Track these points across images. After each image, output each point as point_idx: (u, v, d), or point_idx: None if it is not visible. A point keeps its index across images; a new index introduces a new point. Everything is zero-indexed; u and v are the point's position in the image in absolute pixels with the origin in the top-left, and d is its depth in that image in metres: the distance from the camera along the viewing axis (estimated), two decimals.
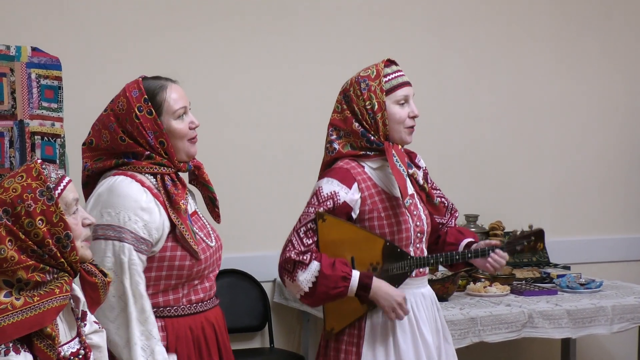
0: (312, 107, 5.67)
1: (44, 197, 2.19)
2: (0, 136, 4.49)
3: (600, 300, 5.18)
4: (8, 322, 2.10)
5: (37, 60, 4.55)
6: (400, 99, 3.36)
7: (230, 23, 5.67)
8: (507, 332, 4.89)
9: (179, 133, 2.92)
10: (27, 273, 2.16)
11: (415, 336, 3.35)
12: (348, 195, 3.30)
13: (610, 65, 6.52)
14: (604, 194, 6.56)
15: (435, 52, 6.00)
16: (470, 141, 6.17)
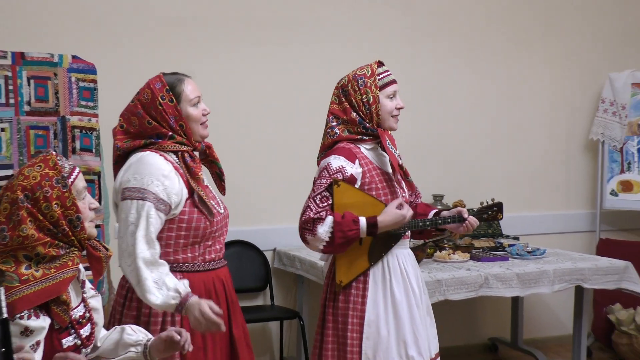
0: (308, 104, 5.59)
1: (60, 185, 2.22)
2: (46, 129, 4.41)
3: (544, 265, 5.11)
4: (31, 291, 2.12)
5: (76, 66, 4.47)
6: (390, 94, 3.37)
7: (246, 35, 5.61)
8: (467, 291, 4.83)
9: (194, 118, 2.96)
10: (44, 248, 2.18)
11: (407, 287, 3.34)
12: (353, 169, 3.30)
13: (552, 72, 6.46)
14: (547, 178, 6.49)
15: (410, 59, 5.99)
16: (438, 133, 6.16)
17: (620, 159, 6.24)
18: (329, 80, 4.92)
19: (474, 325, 6.31)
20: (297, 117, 5.59)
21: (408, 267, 3.39)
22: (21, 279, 2.09)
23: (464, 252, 5.28)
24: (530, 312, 6.36)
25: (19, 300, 2.07)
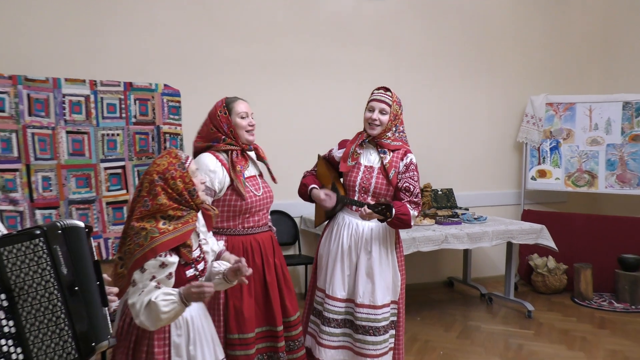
0: (326, 118, 5.69)
1: (180, 168, 2.29)
2: (147, 134, 4.50)
3: (485, 228, 5.24)
4: (166, 239, 2.19)
5: (167, 91, 4.58)
6: (369, 107, 3.30)
7: (287, 71, 5.65)
8: (433, 245, 4.96)
9: (240, 126, 2.94)
10: (173, 211, 2.25)
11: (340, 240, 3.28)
12: (335, 152, 3.47)
13: (491, 95, 6.51)
14: (488, 167, 6.57)
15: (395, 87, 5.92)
16: (416, 132, 6.03)
17: (537, 155, 6.36)
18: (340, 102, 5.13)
19: (437, 268, 6.41)
20: (318, 128, 5.60)
21: (344, 229, 3.31)
22: (160, 231, 2.18)
23: (431, 219, 5.35)
24: (476, 259, 6.45)
25: (159, 245, 2.16)
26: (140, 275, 2.18)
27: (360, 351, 3.21)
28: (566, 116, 6.29)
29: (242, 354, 2.85)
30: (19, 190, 3.97)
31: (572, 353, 4.55)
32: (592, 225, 6.14)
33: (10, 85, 4.00)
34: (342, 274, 3.27)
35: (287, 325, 3.03)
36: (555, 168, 6.33)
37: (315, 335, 3.33)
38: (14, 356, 1.55)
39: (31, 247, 1.58)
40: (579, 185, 6.23)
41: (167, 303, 2.12)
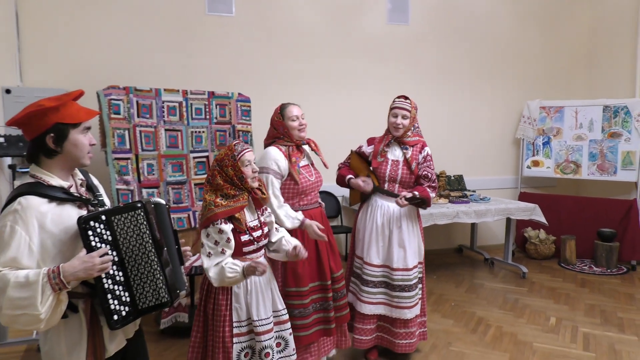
0: (360, 119, 5.59)
1: (232, 159, 2.29)
2: (225, 132, 4.49)
3: (489, 206, 5.13)
4: (221, 210, 2.21)
5: (240, 98, 4.55)
6: (393, 114, 3.19)
7: (331, 80, 5.59)
8: (446, 219, 4.88)
9: (291, 127, 2.90)
10: (228, 191, 2.25)
11: (374, 218, 3.22)
12: (365, 148, 3.35)
13: (495, 100, 6.35)
14: (492, 158, 6.41)
15: (416, 94, 5.86)
16: (433, 131, 6.01)
17: (532, 148, 6.21)
18: (371, 105, 5.09)
19: (449, 238, 6.31)
20: (353, 127, 5.52)
21: (377, 210, 3.23)
22: (215, 204, 2.21)
23: (445, 199, 5.30)
24: (481, 231, 6.36)
25: (213, 215, 2.18)
26: (206, 239, 2.22)
27: (399, 305, 3.19)
28: (556, 117, 6.13)
29: (298, 303, 2.84)
30: (130, 174, 4.04)
31: (558, 306, 4.43)
32: (576, 205, 5.99)
33: (124, 94, 4.06)
34: (377, 245, 3.22)
35: (333, 280, 3.02)
36: (546, 159, 6.16)
37: (356, 293, 3.29)
38: (123, 298, 1.57)
39: (134, 216, 1.59)
40: (566, 173, 6.06)
41: (231, 272, 2.16)
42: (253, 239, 2.32)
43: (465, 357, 3.44)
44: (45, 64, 4.62)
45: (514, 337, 3.78)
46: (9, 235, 1.45)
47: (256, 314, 2.33)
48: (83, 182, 1.71)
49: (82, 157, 1.62)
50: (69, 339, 1.56)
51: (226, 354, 2.27)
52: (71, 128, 1.58)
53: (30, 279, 1.42)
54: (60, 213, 1.53)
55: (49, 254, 1.50)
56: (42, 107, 1.53)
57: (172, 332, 3.75)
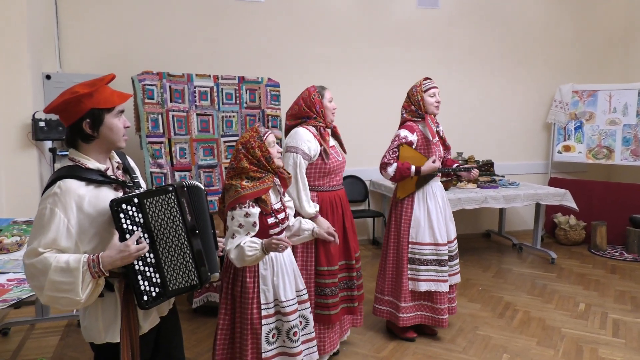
0: (388, 103, 5.46)
1: (259, 140, 2.25)
2: (254, 116, 4.47)
3: (518, 191, 5.03)
4: (247, 193, 2.18)
5: (270, 83, 4.53)
6: (430, 94, 3.20)
7: (358, 66, 5.54)
8: (475, 204, 4.81)
9: (328, 108, 2.90)
10: (253, 173, 2.22)
11: (435, 201, 3.25)
12: (411, 137, 3.22)
13: (527, 84, 6.19)
14: (523, 143, 6.28)
15: (447, 78, 5.79)
16: (462, 118, 5.97)
17: (564, 133, 6.04)
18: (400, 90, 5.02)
19: (477, 222, 6.22)
20: (382, 110, 5.46)
21: (437, 191, 3.28)
22: (242, 187, 2.18)
23: (473, 183, 5.21)
24: (510, 216, 6.27)
25: (240, 197, 2.16)
26: (231, 222, 2.21)
27: (456, 271, 3.40)
28: (589, 101, 5.94)
29: (330, 281, 2.85)
30: (163, 158, 4.08)
31: (587, 292, 4.32)
32: (608, 191, 5.81)
33: (157, 79, 4.09)
34: (445, 224, 3.28)
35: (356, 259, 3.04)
36: (578, 144, 5.99)
37: (414, 277, 3.27)
38: (154, 279, 1.59)
39: (166, 199, 1.59)
40: (598, 158, 5.88)
41: (250, 249, 2.14)
42: (278, 221, 2.31)
43: (492, 341, 3.39)
44: (83, 51, 4.69)
45: (542, 322, 3.71)
46: (49, 218, 1.48)
47: (283, 295, 2.32)
48: (119, 164, 1.73)
49: (118, 140, 1.63)
50: (105, 316, 1.60)
51: (255, 336, 2.28)
52: (106, 112, 1.59)
53: (71, 265, 1.46)
54: (97, 195, 1.55)
55: (86, 235, 1.54)
56: (77, 94, 1.55)
57: (204, 310, 3.81)
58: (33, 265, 1.47)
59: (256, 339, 2.29)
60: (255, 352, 2.29)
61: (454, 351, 3.25)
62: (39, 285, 1.47)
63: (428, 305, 3.31)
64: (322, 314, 2.84)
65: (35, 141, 3.90)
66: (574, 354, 3.22)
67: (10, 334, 3.47)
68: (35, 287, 1.49)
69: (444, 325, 3.27)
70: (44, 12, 4.37)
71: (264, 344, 2.29)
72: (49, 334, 3.48)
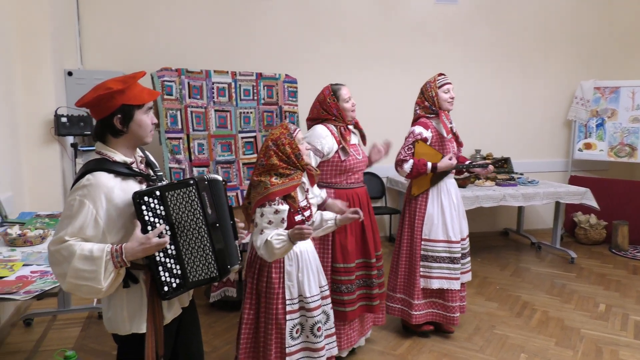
0: (403, 100, 5.39)
1: (289, 137, 2.27)
2: (272, 112, 4.53)
3: (537, 189, 4.98)
4: (276, 190, 2.21)
5: (287, 79, 4.58)
6: (445, 90, 3.18)
7: (370, 63, 5.51)
8: (493, 202, 4.76)
9: (346, 108, 2.90)
10: (283, 170, 2.24)
11: (449, 199, 3.24)
12: (425, 133, 3.20)
13: (548, 81, 6.11)
14: (543, 140, 6.21)
15: (464, 75, 5.75)
16: (481, 112, 5.91)
17: (584, 130, 5.96)
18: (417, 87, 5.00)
19: (495, 221, 6.18)
20: (399, 107, 5.38)
21: (451, 188, 3.26)
22: (271, 184, 2.20)
23: (491, 181, 5.18)
24: (528, 215, 6.21)
25: (270, 194, 2.18)
26: (260, 219, 2.22)
27: (468, 269, 3.39)
28: (611, 98, 5.84)
29: (345, 278, 2.86)
30: (182, 153, 4.14)
31: (608, 293, 4.26)
32: (630, 189, 5.70)
33: (176, 76, 4.14)
34: (459, 222, 3.27)
35: (376, 258, 3.02)
36: (599, 141, 5.90)
37: (427, 275, 3.26)
38: (174, 271, 1.61)
39: (187, 192, 1.62)
40: (620, 156, 5.78)
41: (279, 241, 2.15)
42: (305, 218, 2.33)
43: (510, 341, 3.37)
44: (103, 48, 4.76)
45: (561, 322, 3.67)
46: (78, 208, 1.52)
47: (308, 291, 2.35)
48: (142, 159, 1.77)
49: (145, 136, 1.68)
50: (130, 307, 1.64)
51: (280, 331, 2.31)
52: (136, 109, 1.63)
53: (94, 254, 1.49)
54: (124, 187, 1.60)
55: (114, 226, 1.57)
56: (110, 90, 1.59)
57: (220, 305, 3.85)
58: (58, 251, 1.51)
59: (280, 334, 2.31)
60: (279, 347, 2.32)
61: (470, 350, 3.24)
62: (62, 273, 1.50)
63: (440, 303, 3.31)
64: (337, 310, 2.85)
65: (58, 136, 3.97)
66: (593, 355, 3.18)
67: (34, 324, 3.55)
68: (58, 275, 1.52)
69: (455, 324, 3.27)
70: (65, 10, 4.44)
71: (287, 339, 2.31)
72: (71, 325, 3.55)
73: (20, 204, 3.70)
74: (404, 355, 3.15)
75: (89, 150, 4.23)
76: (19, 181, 3.75)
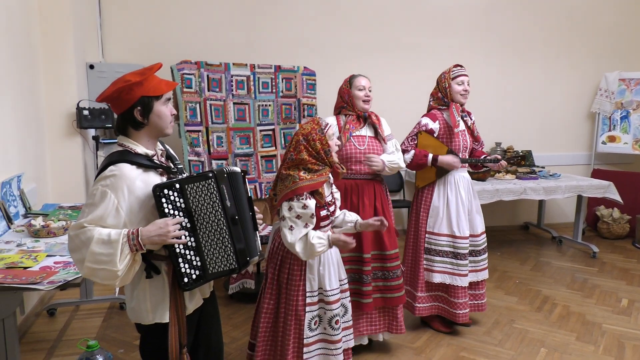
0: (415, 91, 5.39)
1: (320, 133, 2.27)
2: (290, 105, 4.53)
3: (558, 183, 4.90)
4: (305, 184, 2.22)
5: (305, 72, 4.56)
6: (458, 82, 3.15)
7: (389, 52, 5.47)
8: (513, 196, 4.71)
9: (356, 97, 2.90)
10: (312, 165, 2.25)
11: (456, 193, 3.19)
12: (432, 125, 3.19)
13: (571, 72, 6.00)
14: (566, 133, 6.09)
15: (484, 65, 5.67)
16: (502, 104, 5.83)
17: (608, 123, 5.84)
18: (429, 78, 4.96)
19: (515, 214, 6.10)
20: (419, 98, 5.23)
21: (460, 183, 3.21)
22: (300, 178, 2.20)
23: (512, 174, 5.13)
24: (549, 209, 6.12)
25: (298, 188, 2.18)
26: (289, 212, 2.22)
27: (483, 267, 3.34)
28: (637, 89, 5.72)
29: (365, 269, 2.86)
30: (201, 146, 4.16)
31: (631, 288, 4.19)
32: None
33: (195, 68, 4.16)
34: (466, 218, 3.21)
35: (381, 256, 2.95)
36: (624, 134, 5.78)
37: (429, 268, 3.24)
38: (194, 262, 1.63)
39: (206, 185, 1.63)
40: None
41: (320, 245, 2.19)
42: (329, 213, 2.34)
43: (529, 335, 3.34)
44: (124, 41, 4.81)
45: (582, 317, 3.62)
46: (100, 198, 1.56)
47: (328, 285, 2.37)
48: (163, 152, 1.79)
49: (165, 127, 1.70)
50: (153, 297, 1.67)
51: (298, 322, 2.34)
52: (155, 100, 1.66)
53: (112, 238, 1.52)
54: (146, 179, 1.63)
55: (136, 217, 1.60)
56: (129, 82, 1.62)
57: (239, 297, 3.89)
58: (77, 236, 1.54)
59: (299, 325, 2.34)
60: (297, 337, 2.35)
61: (489, 344, 3.21)
62: (81, 258, 1.53)
63: (444, 298, 3.28)
64: None
65: (80, 129, 4.03)
66: (615, 350, 3.13)
67: (57, 314, 3.63)
68: (77, 261, 1.56)
69: (458, 320, 3.22)
70: (87, 3, 4.49)
71: (306, 330, 2.34)
72: (93, 315, 3.62)
73: (43, 195, 3.77)
74: (422, 349, 3.14)
75: (111, 143, 4.29)
76: (42, 173, 3.82)
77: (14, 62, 3.32)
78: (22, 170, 3.33)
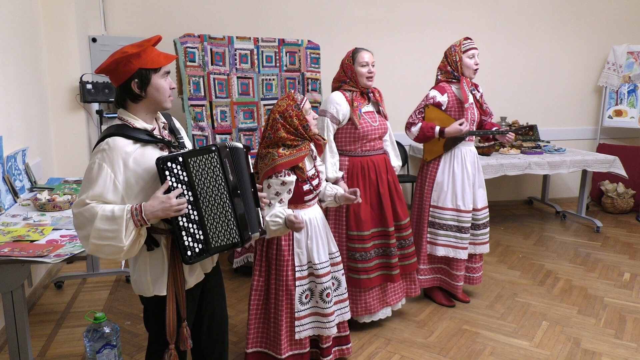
0: (423, 65, 5.29)
1: (296, 109, 2.25)
2: (294, 79, 4.46)
3: (563, 157, 4.86)
4: (284, 161, 2.22)
5: (310, 45, 4.48)
6: (470, 55, 3.09)
7: (395, 27, 5.37)
8: (518, 171, 4.68)
9: (359, 73, 2.84)
10: (290, 142, 2.24)
11: (463, 167, 3.18)
12: (441, 98, 3.15)
13: (578, 45, 5.89)
14: (571, 107, 6.01)
15: (491, 39, 5.57)
16: (506, 78, 5.76)
17: (615, 97, 5.75)
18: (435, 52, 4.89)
19: (520, 189, 6.06)
20: (425, 72, 5.26)
21: (466, 156, 3.19)
22: (279, 155, 2.21)
23: (517, 149, 5.09)
24: (554, 183, 6.08)
25: (278, 165, 2.19)
26: (268, 190, 2.24)
27: (483, 241, 3.33)
28: None
29: (360, 246, 2.85)
30: (204, 120, 4.13)
31: (634, 262, 4.19)
32: None
33: (199, 42, 4.10)
34: (470, 191, 3.20)
35: (398, 227, 2.98)
36: (631, 108, 5.70)
37: (433, 241, 3.28)
38: (197, 236, 1.63)
39: (209, 158, 1.62)
40: None
41: (274, 224, 2.18)
42: (312, 187, 2.34)
43: (532, 308, 3.36)
44: (127, 14, 4.73)
45: (584, 290, 3.63)
46: (97, 172, 1.55)
47: (317, 258, 2.38)
48: (165, 125, 1.78)
49: (164, 101, 1.68)
50: (153, 270, 1.68)
51: (289, 297, 2.37)
52: (153, 73, 1.64)
53: (116, 214, 1.52)
54: (143, 153, 1.61)
55: (132, 191, 1.60)
56: (126, 54, 1.60)
57: (244, 270, 3.92)
58: (81, 213, 1.55)
59: (290, 300, 2.37)
60: (289, 311, 2.38)
61: (492, 317, 3.23)
62: (86, 235, 1.54)
63: (446, 270, 3.34)
64: (352, 277, 2.86)
65: (83, 103, 4.01)
66: (616, 323, 3.15)
67: (64, 287, 3.67)
68: (82, 237, 1.56)
69: (457, 293, 3.33)
70: None
71: (297, 304, 2.37)
72: (100, 288, 3.66)
73: (49, 169, 3.78)
74: (425, 322, 3.17)
75: (114, 117, 4.26)
76: (47, 147, 3.82)
77: (15, 36, 3.28)
78: (27, 144, 3.33)
